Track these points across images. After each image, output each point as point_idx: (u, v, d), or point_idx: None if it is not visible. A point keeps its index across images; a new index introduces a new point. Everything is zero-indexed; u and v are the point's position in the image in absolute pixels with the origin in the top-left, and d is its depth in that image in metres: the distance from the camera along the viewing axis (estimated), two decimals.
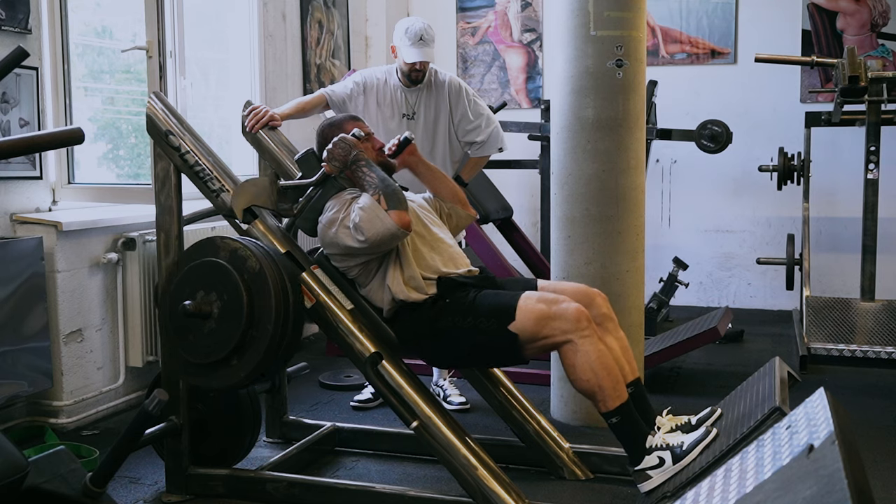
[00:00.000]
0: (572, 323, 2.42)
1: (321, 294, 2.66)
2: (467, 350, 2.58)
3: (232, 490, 2.77)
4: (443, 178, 2.96)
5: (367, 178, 2.64)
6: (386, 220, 2.51)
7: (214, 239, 2.61)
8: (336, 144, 2.69)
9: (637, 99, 3.45)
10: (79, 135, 1.86)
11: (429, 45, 3.47)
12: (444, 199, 2.94)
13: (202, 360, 2.56)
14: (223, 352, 2.51)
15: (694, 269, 5.65)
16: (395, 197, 2.57)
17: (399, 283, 2.59)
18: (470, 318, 2.52)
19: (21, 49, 1.84)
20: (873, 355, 4.00)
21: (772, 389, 2.41)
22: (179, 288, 2.59)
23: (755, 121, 5.82)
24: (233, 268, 2.52)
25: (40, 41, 3.48)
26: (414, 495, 2.63)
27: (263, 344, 2.48)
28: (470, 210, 2.97)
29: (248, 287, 2.49)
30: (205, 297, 2.54)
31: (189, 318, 2.53)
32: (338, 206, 2.63)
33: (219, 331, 2.52)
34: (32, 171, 3.46)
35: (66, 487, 2.04)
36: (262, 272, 2.50)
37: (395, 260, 2.61)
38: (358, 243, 2.54)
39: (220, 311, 2.52)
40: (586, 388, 2.43)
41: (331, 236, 2.61)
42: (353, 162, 2.68)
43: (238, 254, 2.54)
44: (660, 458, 2.39)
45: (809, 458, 1.31)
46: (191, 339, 2.56)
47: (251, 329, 2.49)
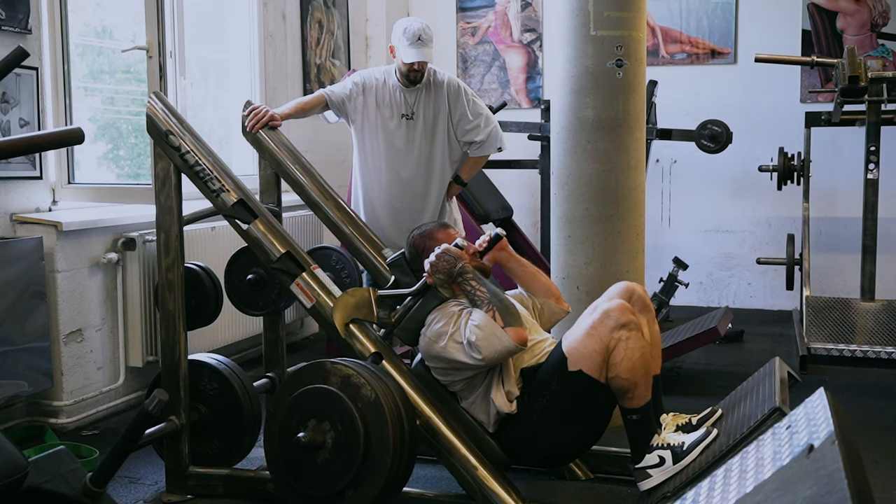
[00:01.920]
0: (619, 317, 2.38)
1: (321, 294, 2.65)
2: (563, 426, 2.50)
3: (232, 490, 2.77)
4: (535, 272, 2.87)
5: (479, 293, 2.54)
6: (503, 339, 2.43)
7: (325, 363, 2.49)
8: (440, 257, 2.58)
9: (637, 99, 3.45)
10: (79, 135, 1.86)
11: (427, 45, 3.47)
12: (538, 294, 2.85)
13: (316, 493, 2.45)
14: (339, 485, 2.40)
15: (694, 269, 5.65)
16: (510, 313, 2.49)
17: (502, 396, 2.53)
18: (545, 394, 2.47)
19: (21, 49, 1.84)
20: (873, 355, 3.99)
21: (772, 389, 2.41)
22: (289, 414, 2.47)
23: (755, 121, 5.82)
24: (346, 396, 2.40)
25: (40, 41, 3.48)
26: (414, 495, 2.63)
27: (381, 477, 2.36)
28: (563, 304, 2.88)
29: (364, 417, 2.38)
30: (317, 427, 2.42)
31: (303, 449, 2.43)
32: (444, 319, 2.54)
33: (333, 463, 2.41)
34: (32, 171, 3.46)
35: (66, 487, 2.04)
36: (377, 401, 2.38)
37: (499, 375, 2.56)
38: (473, 360, 2.46)
39: (335, 441, 2.40)
40: (625, 385, 2.39)
41: (437, 350, 2.53)
42: (458, 274, 2.57)
43: (351, 381, 2.42)
44: (660, 458, 2.39)
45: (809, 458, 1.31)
46: (303, 470, 2.45)
47: (367, 461, 2.37)
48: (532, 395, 2.51)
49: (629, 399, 2.41)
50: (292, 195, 3.38)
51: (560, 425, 2.49)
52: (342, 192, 3.90)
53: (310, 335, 5.28)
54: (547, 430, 2.50)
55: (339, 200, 3.28)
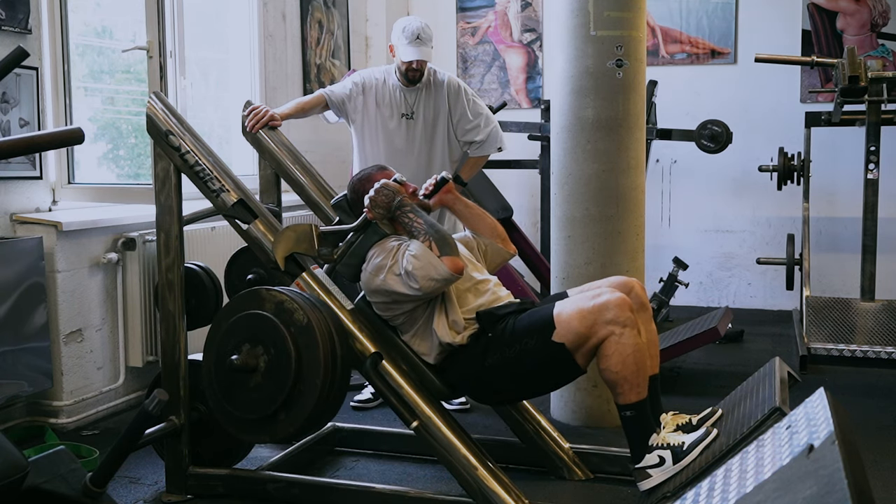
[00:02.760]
0: (616, 311, 2.38)
1: (321, 294, 2.65)
2: (521, 378, 2.55)
3: (232, 490, 2.77)
4: (481, 214, 2.92)
5: (416, 224, 2.61)
6: (440, 267, 2.48)
7: (260, 290, 2.55)
8: (378, 192, 2.64)
9: (637, 99, 3.45)
10: (79, 135, 1.86)
11: (426, 43, 3.47)
12: (484, 235, 2.89)
13: (249, 415, 2.49)
14: (271, 407, 2.44)
15: (694, 269, 5.65)
16: (446, 242, 2.54)
17: (444, 326, 2.56)
18: (515, 346, 2.49)
19: (21, 49, 1.84)
20: (873, 355, 3.99)
21: (772, 389, 2.41)
22: (224, 339, 2.53)
23: (755, 121, 5.82)
24: (279, 321, 2.45)
25: (40, 41, 3.48)
26: (414, 495, 2.63)
27: (312, 399, 2.41)
28: (510, 247, 2.92)
29: (296, 341, 2.43)
30: (251, 351, 2.47)
31: (235, 372, 2.48)
32: (383, 253, 2.58)
33: (266, 386, 2.45)
34: (32, 171, 3.46)
35: (66, 487, 2.04)
36: (309, 325, 2.43)
37: (441, 305, 2.58)
38: (410, 290, 2.50)
39: (267, 365, 2.45)
40: (613, 378, 2.40)
41: (378, 283, 2.56)
42: (397, 208, 2.63)
43: (285, 306, 2.47)
44: (660, 458, 2.39)
45: (809, 458, 1.31)
46: (236, 394, 2.50)
47: (299, 384, 2.42)
48: (497, 341, 2.52)
49: (619, 394, 2.42)
50: (292, 195, 3.39)
51: (517, 378, 2.54)
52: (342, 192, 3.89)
53: None
54: (498, 376, 2.54)
55: None
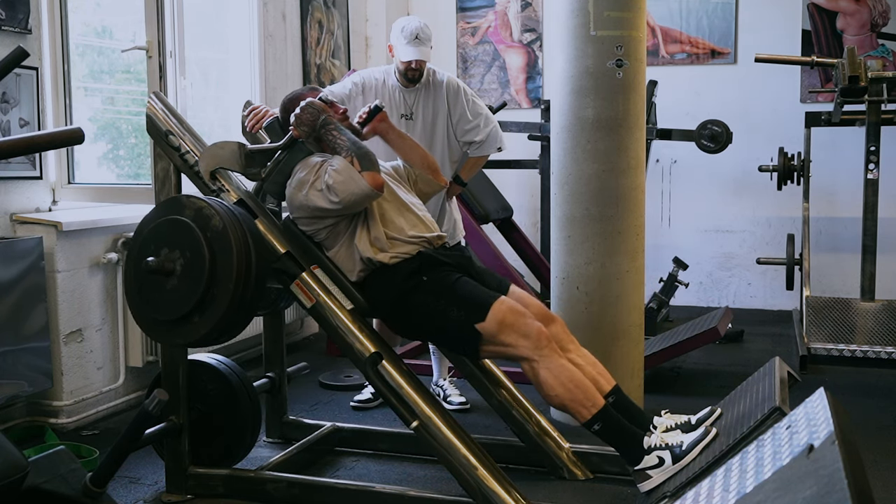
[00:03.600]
0: (534, 341, 2.47)
1: (321, 294, 2.65)
2: (430, 329, 2.66)
3: (232, 490, 2.77)
4: (413, 145, 2.96)
5: (339, 141, 2.69)
6: (359, 181, 2.56)
7: (180, 197, 2.63)
8: (304, 109, 2.71)
9: (637, 99, 3.45)
10: (79, 135, 1.86)
11: (425, 43, 3.47)
12: (416, 166, 2.94)
13: (164, 317, 2.56)
14: (185, 308, 2.51)
15: (694, 269, 5.65)
16: (367, 158, 2.62)
17: (366, 242, 2.63)
18: (443, 302, 2.55)
19: (21, 49, 1.84)
20: (873, 355, 3.99)
21: (772, 389, 2.41)
22: (145, 245, 2.59)
23: (755, 121, 5.82)
24: (196, 226, 2.52)
25: (40, 41, 3.48)
26: (414, 495, 2.63)
27: (224, 301, 2.49)
28: (440, 178, 2.97)
29: (211, 245, 2.50)
30: (168, 255, 2.54)
31: (152, 274, 2.53)
32: (306, 169, 2.66)
33: (181, 288, 2.52)
34: (32, 171, 3.46)
35: (66, 487, 2.04)
36: (224, 231, 2.50)
37: (363, 221, 2.66)
38: (331, 204, 2.58)
39: (183, 268, 2.52)
40: (558, 402, 2.48)
41: (300, 199, 2.63)
42: (321, 126, 2.71)
43: (203, 212, 2.54)
44: (659, 458, 2.39)
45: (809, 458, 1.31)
46: (154, 296, 2.57)
47: (212, 287, 2.49)
48: (430, 288, 2.58)
49: (575, 414, 2.49)
50: None
51: (423, 324, 2.62)
52: None
53: (310, 335, 5.28)
54: (411, 315, 2.61)
55: None
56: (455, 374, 3.85)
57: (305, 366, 3.53)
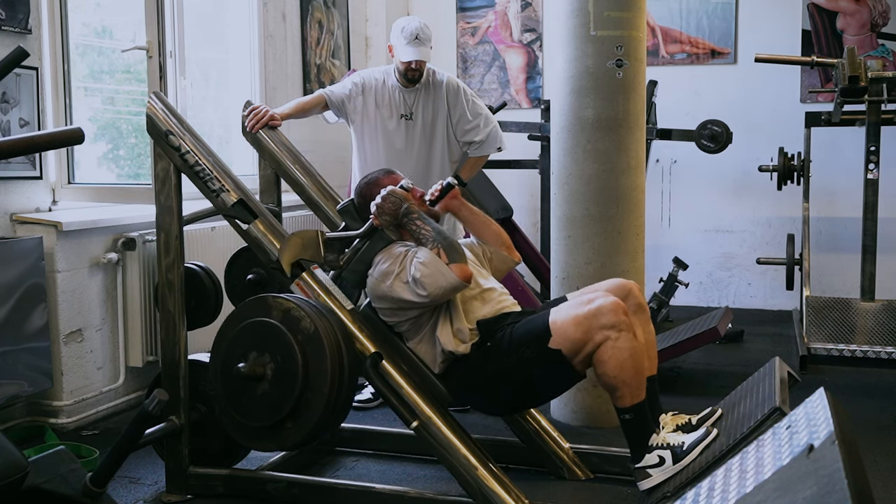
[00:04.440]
0: (611, 316, 2.37)
1: (321, 294, 2.65)
2: (520, 387, 2.54)
3: (232, 490, 2.77)
4: (486, 221, 2.91)
5: (423, 231, 2.60)
6: (448, 275, 2.48)
7: (267, 298, 2.55)
8: (386, 199, 2.64)
9: (637, 99, 3.45)
10: (79, 135, 1.86)
11: (425, 44, 3.47)
12: (489, 243, 2.88)
13: (255, 423, 2.50)
14: (278, 415, 2.45)
15: (694, 269, 5.65)
16: (454, 250, 2.54)
17: (448, 335, 2.55)
18: (513, 355, 2.48)
19: (21, 49, 1.84)
20: (873, 355, 3.99)
21: (772, 389, 2.41)
22: (231, 347, 2.53)
23: (755, 121, 5.82)
24: (286, 328, 2.45)
25: (40, 41, 3.48)
26: (414, 495, 2.63)
27: (319, 407, 2.42)
28: (514, 254, 2.90)
29: (303, 349, 2.43)
30: (258, 359, 2.48)
31: (243, 380, 2.48)
32: (390, 259, 2.57)
33: (273, 394, 2.46)
34: (32, 171, 3.46)
35: (66, 487, 2.04)
36: (316, 333, 2.43)
37: (446, 313, 2.58)
38: (418, 297, 2.50)
39: (274, 373, 2.46)
40: (611, 382, 2.39)
41: (384, 290, 2.56)
42: (404, 215, 2.63)
43: (292, 314, 2.47)
44: (660, 457, 2.39)
45: (809, 458, 1.31)
46: (244, 402, 2.50)
47: (306, 392, 2.43)
48: (496, 350, 2.52)
49: (618, 398, 2.42)
50: (292, 195, 3.39)
51: (518, 387, 2.54)
52: (342, 192, 3.90)
53: None
54: (502, 386, 2.54)
55: (339, 200, 3.28)
56: None
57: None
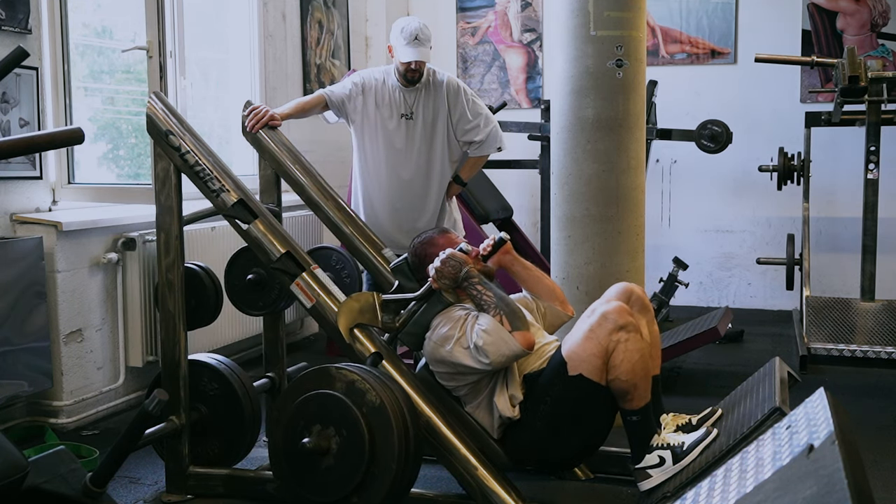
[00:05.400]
0: (617, 318, 2.37)
1: (321, 294, 2.65)
2: (569, 430, 2.50)
3: (232, 490, 2.77)
4: (540, 276, 2.86)
5: (485, 297, 2.54)
6: (511, 343, 2.44)
7: (330, 369, 2.48)
8: (446, 262, 2.59)
9: (637, 99, 3.45)
10: (79, 135, 1.86)
11: (424, 44, 3.47)
12: (542, 298, 2.83)
13: (320, 499, 2.45)
14: (343, 492, 2.40)
15: (694, 269, 5.65)
16: (517, 317, 2.50)
17: (505, 400, 2.53)
18: (546, 398, 2.47)
19: (21, 49, 1.84)
20: (873, 355, 3.99)
21: (772, 389, 2.41)
22: (294, 420, 2.47)
23: (755, 121, 5.82)
24: (351, 402, 2.40)
25: (40, 41, 3.48)
26: (414, 495, 2.62)
27: (387, 483, 2.36)
28: (568, 308, 2.85)
29: (369, 423, 2.38)
30: (322, 432, 2.42)
31: (307, 455, 2.43)
32: (450, 323, 2.54)
33: (338, 469, 2.41)
34: (32, 171, 3.46)
35: (66, 487, 2.04)
36: (382, 406, 2.38)
37: (503, 379, 2.55)
38: (480, 364, 2.46)
39: (340, 447, 2.40)
40: (624, 386, 2.39)
41: (443, 354, 2.52)
42: (464, 279, 2.58)
43: (356, 386, 2.42)
44: (660, 458, 2.39)
45: (809, 458, 1.31)
46: (308, 476, 2.45)
47: (372, 467, 2.37)
48: (535, 401, 2.50)
49: (629, 400, 2.41)
50: (292, 195, 3.38)
51: (563, 430, 2.49)
52: (342, 192, 3.90)
53: (310, 335, 5.28)
54: (551, 436, 2.49)
55: (339, 200, 3.28)
56: None
57: (305, 366, 3.53)
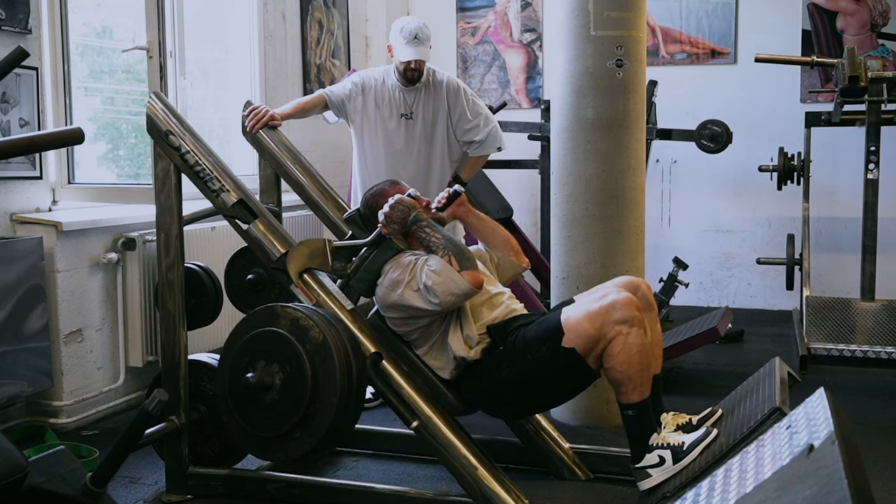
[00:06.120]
0: (624, 311, 2.38)
1: (321, 294, 2.65)
2: (535, 389, 2.53)
3: (232, 490, 2.77)
4: (494, 227, 2.91)
5: (433, 239, 2.61)
6: (459, 282, 2.48)
7: (275, 307, 2.54)
8: (394, 207, 2.64)
9: (637, 99, 3.45)
10: (79, 135, 1.86)
11: (424, 43, 3.47)
12: (497, 248, 2.88)
13: (263, 433, 2.49)
14: (286, 425, 2.44)
15: (694, 269, 5.65)
16: (465, 257, 2.55)
17: (459, 341, 2.56)
18: (527, 356, 2.48)
19: (21, 49, 1.84)
20: (873, 355, 3.99)
21: (772, 389, 2.41)
22: (239, 357, 2.53)
23: (755, 121, 5.82)
24: (294, 338, 2.45)
25: (40, 41, 3.48)
26: (414, 495, 2.63)
27: (328, 416, 2.41)
28: (522, 259, 2.90)
29: (312, 358, 2.42)
30: (266, 369, 2.47)
31: (251, 390, 2.47)
32: (400, 268, 2.58)
33: (281, 403, 2.45)
34: (32, 171, 3.46)
35: (66, 487, 2.03)
36: (325, 342, 2.43)
37: (456, 319, 2.58)
38: (430, 305, 2.50)
39: (283, 383, 2.45)
40: (618, 377, 2.40)
41: (394, 299, 2.56)
42: (413, 223, 2.64)
43: (300, 323, 2.47)
44: (660, 457, 2.39)
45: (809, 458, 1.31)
46: (251, 411, 2.50)
47: (315, 402, 2.42)
48: (509, 352, 2.52)
49: (623, 393, 2.42)
50: (292, 195, 3.39)
51: (531, 388, 2.53)
52: (342, 192, 3.90)
53: None
54: (515, 388, 2.53)
55: (339, 200, 3.28)
56: None
57: None
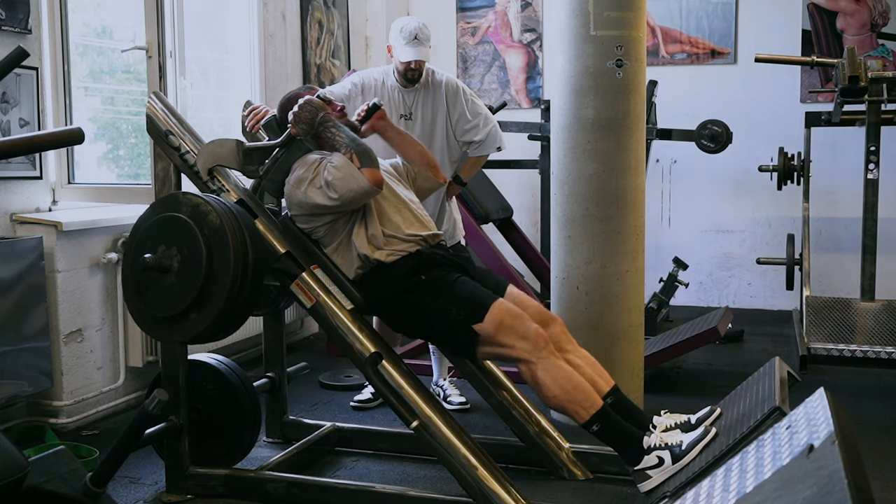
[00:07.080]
0: (532, 343, 2.47)
1: (321, 294, 2.65)
2: (427, 328, 2.67)
3: (232, 490, 2.77)
4: (412, 142, 2.98)
5: (338, 138, 2.71)
6: (359, 178, 2.57)
7: (178, 194, 2.65)
8: (302, 107, 2.73)
9: (637, 99, 3.45)
10: (79, 135, 1.86)
11: (423, 44, 3.47)
12: (415, 163, 2.96)
13: (162, 314, 2.59)
14: (182, 305, 2.53)
15: (694, 269, 5.65)
16: (366, 155, 2.64)
17: (363, 239, 2.64)
18: (441, 301, 2.56)
19: (21, 49, 1.84)
20: (873, 355, 3.99)
21: (772, 389, 2.41)
22: (142, 241, 2.61)
23: (755, 121, 5.82)
24: (193, 222, 2.54)
25: (40, 41, 3.48)
26: (414, 495, 2.63)
27: (221, 298, 2.51)
28: (440, 175, 2.99)
29: (208, 242, 2.52)
30: (165, 252, 2.56)
31: (149, 271, 2.56)
32: (305, 166, 2.67)
33: (178, 285, 2.55)
34: (32, 171, 3.46)
35: (66, 487, 2.03)
36: (221, 227, 2.52)
37: (361, 219, 2.67)
38: (330, 201, 2.59)
39: (180, 265, 2.55)
40: (556, 403, 2.48)
41: (299, 196, 2.65)
42: (320, 123, 2.73)
43: (200, 209, 2.56)
44: (659, 458, 2.39)
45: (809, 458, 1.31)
46: (151, 293, 2.59)
47: (210, 284, 2.51)
48: (429, 288, 2.58)
49: (575, 415, 2.49)
50: None
51: (422, 322, 2.62)
52: None
53: (310, 335, 5.28)
54: (410, 313, 2.62)
55: None
56: (455, 374, 3.85)
57: (305, 366, 3.53)
